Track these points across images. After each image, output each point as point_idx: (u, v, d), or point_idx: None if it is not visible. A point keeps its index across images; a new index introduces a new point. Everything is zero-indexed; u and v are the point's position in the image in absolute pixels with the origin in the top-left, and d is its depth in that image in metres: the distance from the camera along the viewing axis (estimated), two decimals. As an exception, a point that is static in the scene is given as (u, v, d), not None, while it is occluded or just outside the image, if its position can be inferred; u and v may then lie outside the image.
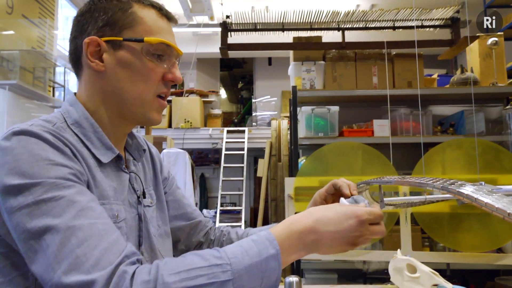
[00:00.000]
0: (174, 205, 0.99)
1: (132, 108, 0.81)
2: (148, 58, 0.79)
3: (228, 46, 3.35)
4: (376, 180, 0.91)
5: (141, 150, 0.92)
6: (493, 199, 0.58)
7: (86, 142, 0.77)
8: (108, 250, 0.62)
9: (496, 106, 3.39)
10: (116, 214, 0.75)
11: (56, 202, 0.63)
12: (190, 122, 5.60)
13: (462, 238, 2.49)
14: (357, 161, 2.58)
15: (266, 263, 0.64)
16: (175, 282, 0.59)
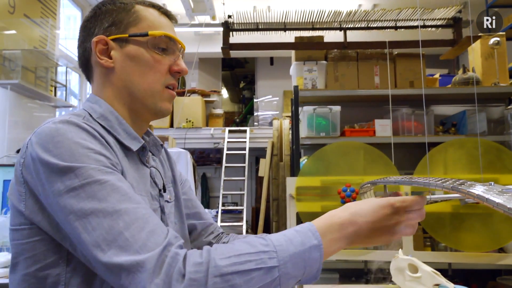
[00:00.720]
0: (188, 204, 1.01)
1: (143, 100, 0.85)
2: (154, 51, 0.85)
3: (230, 45, 3.36)
4: (382, 180, 0.90)
5: (158, 145, 0.96)
6: (504, 199, 0.58)
7: (114, 133, 0.81)
8: (154, 232, 0.64)
9: (498, 106, 3.39)
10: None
11: (101, 185, 0.66)
12: (192, 121, 5.60)
13: (464, 238, 2.48)
14: (359, 161, 2.58)
15: (309, 253, 0.66)
16: (226, 265, 0.61)
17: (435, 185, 0.70)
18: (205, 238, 1.01)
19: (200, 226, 1.01)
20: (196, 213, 1.02)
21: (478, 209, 2.42)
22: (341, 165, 2.55)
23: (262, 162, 4.92)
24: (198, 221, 1.01)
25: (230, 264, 0.62)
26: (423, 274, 1.57)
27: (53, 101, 4.03)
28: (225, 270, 0.61)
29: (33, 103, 3.79)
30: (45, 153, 0.68)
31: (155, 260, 0.61)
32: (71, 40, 4.89)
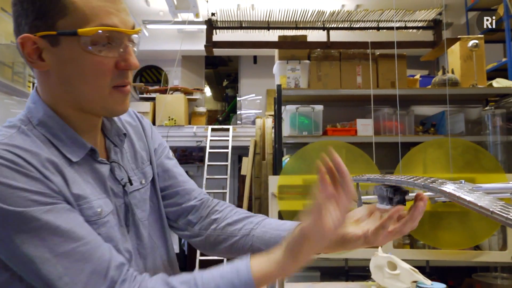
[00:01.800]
0: (165, 176, 0.94)
1: (90, 105, 0.75)
2: (89, 51, 0.70)
3: (213, 43, 3.34)
4: (355, 178, 0.91)
5: (121, 135, 0.86)
6: (475, 197, 0.59)
7: (55, 142, 0.73)
8: (94, 272, 0.65)
9: (476, 107, 3.47)
10: (99, 210, 0.73)
11: (36, 232, 0.63)
12: (174, 119, 5.56)
13: (442, 236, 2.53)
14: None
15: None
16: None
17: (407, 183, 0.71)
18: (188, 203, 0.95)
19: (181, 191, 0.95)
20: (173, 183, 0.95)
21: (455, 208, 2.47)
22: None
23: (244, 160, 4.92)
24: (178, 187, 0.95)
25: None
26: (402, 271, 1.59)
27: (31, 97, 3.94)
28: None
29: (10, 100, 3.70)
30: None
31: None
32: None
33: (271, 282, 0.70)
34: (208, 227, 0.93)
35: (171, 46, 5.95)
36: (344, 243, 0.79)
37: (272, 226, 0.88)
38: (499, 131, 3.08)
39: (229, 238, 0.91)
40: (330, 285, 1.69)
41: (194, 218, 0.94)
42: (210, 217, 0.94)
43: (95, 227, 0.71)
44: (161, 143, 0.98)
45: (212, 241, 0.92)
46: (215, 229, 0.92)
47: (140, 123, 0.95)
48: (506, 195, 1.05)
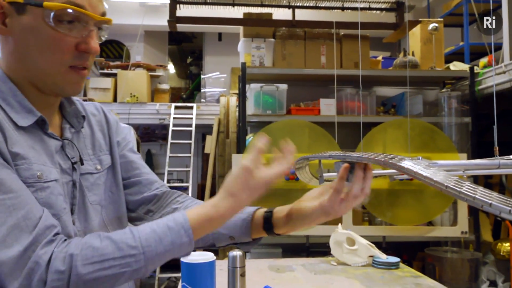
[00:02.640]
0: (128, 167, 0.96)
1: (43, 78, 0.76)
2: (52, 26, 0.71)
3: (176, 19, 3.26)
4: (316, 155, 0.91)
5: (80, 117, 0.87)
6: (431, 173, 0.61)
7: (3, 105, 0.73)
8: (16, 227, 0.63)
9: (434, 89, 3.59)
10: (38, 174, 0.72)
11: None
12: (137, 96, 5.42)
13: (398, 213, 2.65)
14: (303, 139, 2.64)
15: (179, 249, 0.70)
16: (88, 273, 0.62)
17: (368, 159, 0.73)
18: (150, 193, 0.96)
19: (143, 181, 0.96)
20: (138, 173, 0.97)
21: (411, 186, 2.58)
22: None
23: (208, 139, 4.89)
24: (140, 177, 0.96)
25: (93, 271, 0.63)
26: (360, 246, 1.66)
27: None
28: (87, 277, 0.62)
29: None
30: None
31: (13, 262, 0.60)
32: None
33: (209, 226, 0.72)
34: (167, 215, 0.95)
35: (133, 20, 5.74)
36: (304, 216, 0.82)
37: None
38: (454, 113, 3.22)
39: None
40: (292, 261, 1.74)
41: (155, 207, 0.95)
42: (170, 206, 0.96)
43: (31, 190, 0.70)
44: (124, 137, 1.00)
45: None
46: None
47: (105, 116, 0.97)
48: (459, 172, 1.10)
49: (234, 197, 0.73)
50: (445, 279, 2.89)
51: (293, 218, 0.83)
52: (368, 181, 0.78)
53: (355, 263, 1.65)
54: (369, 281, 1.44)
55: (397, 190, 2.62)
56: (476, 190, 0.55)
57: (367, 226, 2.91)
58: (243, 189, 0.72)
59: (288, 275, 1.52)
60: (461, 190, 0.54)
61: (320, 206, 0.80)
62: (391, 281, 1.44)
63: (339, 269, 1.61)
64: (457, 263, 2.94)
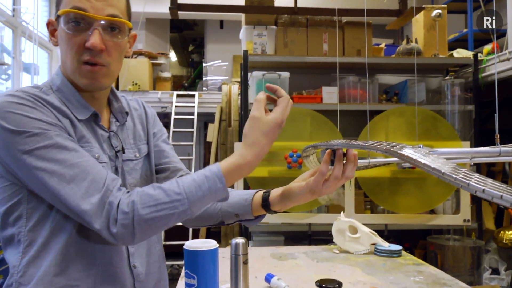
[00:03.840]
0: (160, 155, 1.11)
1: (72, 77, 0.92)
2: (64, 29, 0.88)
3: (178, 6, 3.23)
4: (323, 143, 0.93)
5: (123, 113, 1.04)
6: (429, 160, 0.62)
7: (67, 104, 0.92)
8: (94, 181, 0.82)
9: (437, 77, 3.56)
10: (97, 155, 0.91)
11: (49, 148, 0.82)
12: (138, 84, 5.40)
13: (400, 201, 2.65)
14: (305, 127, 2.63)
15: (215, 193, 0.84)
16: (146, 213, 0.81)
17: (371, 147, 0.75)
18: (176, 178, 1.08)
19: (172, 168, 1.11)
20: (168, 161, 1.12)
21: (413, 174, 2.58)
22: (288, 131, 2.60)
23: (210, 127, 4.89)
24: (169, 165, 1.11)
25: (150, 212, 0.81)
26: (362, 234, 1.66)
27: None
28: (146, 217, 0.81)
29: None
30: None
31: (96, 206, 0.81)
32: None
33: (240, 173, 0.85)
34: None
35: (134, 7, 5.64)
36: (293, 194, 0.96)
37: (237, 192, 1.06)
38: (457, 101, 3.20)
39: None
40: (294, 248, 1.75)
41: None
42: None
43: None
44: (160, 129, 1.16)
45: None
46: None
47: (144, 110, 1.15)
48: (464, 160, 1.10)
49: (255, 144, 0.84)
50: (447, 267, 2.90)
51: (285, 197, 0.96)
52: (349, 165, 0.89)
53: (357, 251, 1.66)
54: (371, 268, 1.45)
55: (399, 178, 2.62)
56: (471, 176, 0.56)
57: (369, 214, 2.91)
58: (260, 135, 0.84)
59: (290, 262, 1.53)
60: (457, 176, 0.56)
61: (306, 186, 0.93)
62: (393, 268, 1.45)
63: (341, 257, 1.61)
64: (459, 251, 2.95)
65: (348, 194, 2.64)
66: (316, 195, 0.93)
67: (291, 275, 1.37)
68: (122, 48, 0.95)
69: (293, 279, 1.32)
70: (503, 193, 0.50)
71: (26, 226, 0.87)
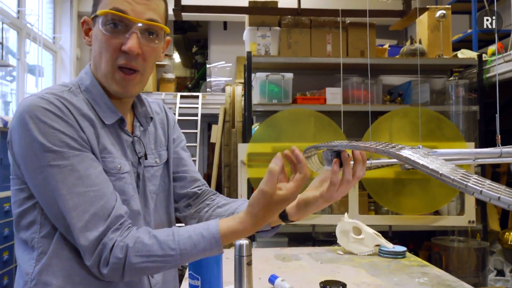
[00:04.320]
0: (178, 162, 1.10)
1: (104, 79, 0.89)
2: (102, 30, 0.85)
3: (182, 7, 3.24)
4: (325, 144, 0.93)
5: (148, 118, 1.02)
6: (428, 161, 0.62)
7: (94, 106, 0.89)
8: (96, 215, 0.80)
9: (441, 78, 3.55)
10: (119, 166, 0.89)
11: (62, 169, 0.80)
12: (142, 86, 5.42)
13: (404, 202, 2.64)
14: (309, 128, 2.63)
15: (209, 253, 0.82)
16: (138, 262, 0.80)
17: (369, 148, 0.75)
18: (192, 189, 1.10)
19: (189, 177, 1.10)
20: (186, 170, 1.10)
21: (417, 175, 2.57)
22: (292, 132, 2.60)
23: (214, 128, 4.89)
24: (187, 174, 1.10)
25: (141, 262, 0.80)
26: (366, 235, 1.66)
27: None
28: (137, 266, 0.80)
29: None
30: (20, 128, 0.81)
31: (91, 243, 0.79)
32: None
33: (237, 238, 0.83)
34: (201, 210, 1.08)
35: (137, 9, 5.70)
36: (309, 205, 0.93)
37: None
38: (462, 101, 3.18)
39: (218, 217, 1.00)
40: (298, 250, 1.74)
41: (194, 202, 1.10)
42: (205, 202, 1.10)
43: (112, 179, 0.87)
44: (179, 135, 1.14)
45: (203, 221, 1.04)
46: (207, 211, 1.07)
47: (166, 114, 1.12)
48: (464, 161, 1.09)
49: (258, 217, 0.81)
50: (451, 268, 2.89)
51: (302, 207, 0.94)
52: (358, 165, 0.88)
53: (361, 252, 1.65)
54: (375, 270, 1.44)
55: (403, 179, 2.62)
56: (469, 177, 0.55)
57: (373, 215, 2.90)
58: (265, 211, 0.81)
59: (294, 264, 1.53)
60: (455, 178, 0.55)
61: (320, 196, 0.91)
62: (398, 270, 1.44)
63: (345, 258, 1.61)
64: (464, 252, 2.94)
65: (352, 195, 2.63)
66: (331, 202, 0.92)
67: (295, 276, 1.37)
68: (157, 53, 0.92)
69: (297, 280, 1.31)
70: (500, 195, 0.49)
71: (40, 232, 0.85)
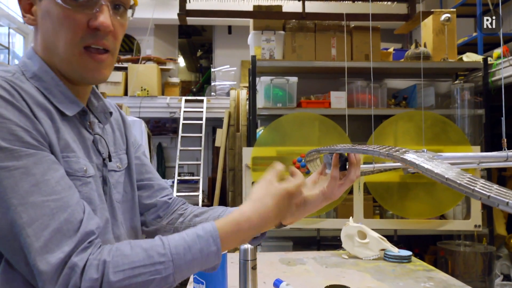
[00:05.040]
0: (141, 169, 0.96)
1: (63, 64, 0.73)
2: (63, 4, 0.69)
3: (186, 12, 3.25)
4: (326, 148, 0.93)
5: (107, 112, 0.87)
6: (433, 165, 0.61)
7: (48, 95, 0.72)
8: (60, 231, 0.62)
9: (446, 81, 3.54)
10: (85, 168, 0.73)
11: (11, 172, 0.61)
12: (147, 90, 5.44)
13: (409, 206, 2.63)
14: (314, 132, 2.63)
15: (207, 259, 0.68)
16: (119, 280, 0.62)
17: (373, 151, 0.75)
18: (161, 198, 0.97)
19: (156, 185, 0.98)
20: (151, 177, 0.98)
21: (423, 179, 2.56)
22: (297, 135, 2.59)
23: (218, 132, 4.90)
24: (153, 182, 0.98)
25: (123, 279, 0.62)
26: (371, 240, 1.65)
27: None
28: (118, 285, 0.62)
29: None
30: None
31: (54, 269, 0.60)
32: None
33: (237, 231, 0.71)
34: (175, 221, 0.96)
35: (143, 14, 5.75)
36: (307, 204, 0.91)
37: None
38: (467, 105, 3.17)
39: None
40: (302, 254, 1.74)
41: (164, 213, 0.97)
42: (177, 212, 0.98)
43: (78, 184, 0.70)
44: (136, 139, 0.99)
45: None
46: (182, 222, 0.96)
47: (120, 114, 0.97)
48: (470, 165, 1.09)
49: (258, 200, 0.74)
50: (458, 273, 2.86)
51: (300, 206, 0.90)
52: (358, 167, 0.89)
53: (366, 256, 1.64)
54: (381, 274, 1.44)
55: (409, 183, 2.60)
56: (476, 182, 0.54)
57: (378, 219, 2.89)
58: (266, 195, 0.74)
59: (299, 268, 1.52)
60: (461, 182, 0.54)
61: (321, 193, 0.89)
62: (403, 274, 1.44)
63: (350, 262, 1.60)
64: (470, 256, 2.92)
65: (356, 199, 2.62)
66: (330, 200, 0.90)
67: (300, 280, 1.37)
68: (124, 30, 0.78)
69: (302, 285, 1.31)
70: (509, 200, 0.48)
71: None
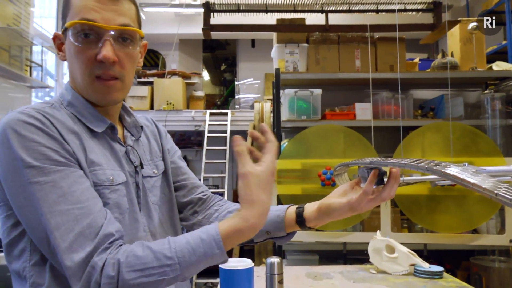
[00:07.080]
0: (177, 172, 1.08)
1: (83, 92, 0.87)
2: (73, 42, 0.82)
3: (210, 27, 3.31)
4: (356, 161, 0.91)
5: (138, 127, 1.00)
6: (479, 180, 0.58)
7: (81, 118, 0.86)
8: (82, 234, 0.72)
9: (475, 91, 3.45)
10: (111, 177, 0.84)
11: (42, 186, 0.73)
12: (172, 104, 5.53)
13: (439, 220, 2.55)
14: (339, 144, 2.60)
15: (211, 259, 0.75)
16: (132, 279, 0.72)
17: (410, 166, 0.71)
18: (196, 195, 1.07)
19: (190, 184, 1.08)
20: (186, 177, 1.08)
21: (453, 192, 2.48)
22: (322, 148, 2.57)
23: (243, 145, 4.92)
24: (187, 182, 1.08)
25: (136, 277, 0.72)
26: (400, 254, 1.61)
27: (28, 81, 3.90)
28: (131, 282, 0.71)
29: (7, 84, 3.67)
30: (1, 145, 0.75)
31: (77, 266, 0.71)
32: (46, 18, 4.73)
33: (241, 236, 0.76)
34: (211, 216, 1.05)
35: (168, 29, 5.88)
36: (332, 211, 0.91)
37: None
38: (498, 115, 3.08)
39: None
40: (329, 268, 1.71)
41: (200, 209, 1.07)
42: (213, 208, 1.07)
43: (106, 192, 0.82)
44: (172, 146, 1.12)
45: None
46: (217, 217, 1.04)
47: (156, 126, 1.12)
48: (509, 178, 1.05)
49: (256, 202, 0.76)
50: (491, 289, 2.75)
51: (323, 212, 0.92)
52: (396, 186, 0.87)
53: (395, 271, 1.60)
54: (411, 290, 1.39)
55: (438, 196, 2.53)
56: None
57: (406, 233, 2.82)
58: (258, 191, 0.76)
59: (326, 282, 1.49)
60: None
61: (348, 203, 0.89)
62: (434, 290, 1.39)
63: (378, 278, 1.56)
64: (506, 273, 2.80)
65: (384, 212, 2.57)
66: (355, 212, 0.90)
67: (327, 295, 1.34)
68: (135, 58, 0.89)
69: (329, 300, 1.28)
70: None
71: (30, 260, 0.78)
